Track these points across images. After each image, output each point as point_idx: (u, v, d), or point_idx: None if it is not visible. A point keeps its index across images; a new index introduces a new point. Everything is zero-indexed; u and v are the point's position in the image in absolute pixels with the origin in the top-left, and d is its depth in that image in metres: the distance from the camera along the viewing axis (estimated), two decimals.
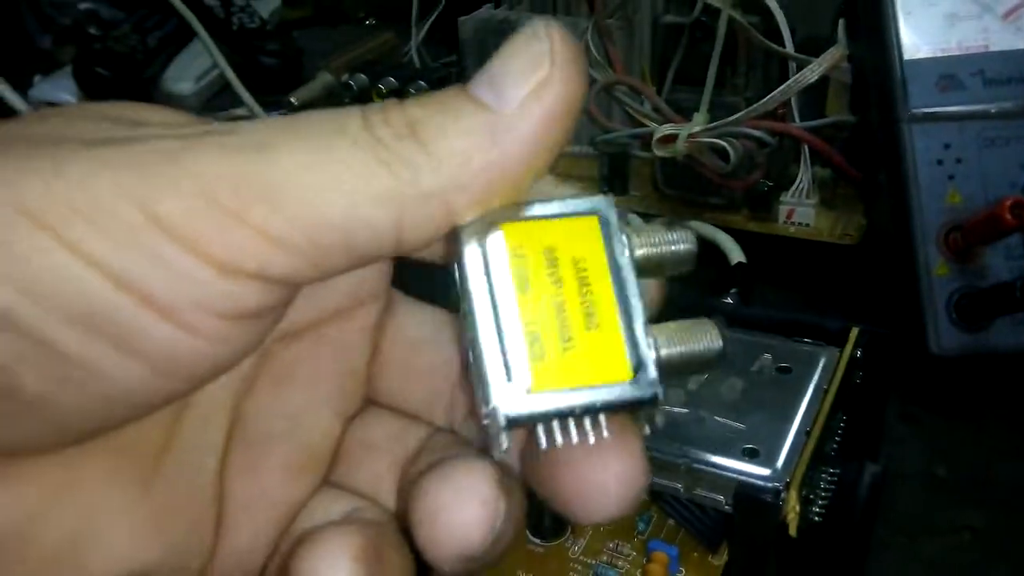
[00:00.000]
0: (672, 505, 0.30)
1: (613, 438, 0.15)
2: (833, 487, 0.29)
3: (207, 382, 0.15)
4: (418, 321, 0.20)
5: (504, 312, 0.15)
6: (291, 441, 0.18)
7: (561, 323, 0.15)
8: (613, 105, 0.49)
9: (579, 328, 0.15)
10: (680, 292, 0.36)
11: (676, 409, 0.30)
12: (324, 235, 0.13)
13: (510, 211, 0.15)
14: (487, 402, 0.15)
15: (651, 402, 0.15)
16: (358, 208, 0.13)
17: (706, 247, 0.45)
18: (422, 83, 0.53)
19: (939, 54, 0.38)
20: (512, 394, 0.15)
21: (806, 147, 0.45)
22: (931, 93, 0.38)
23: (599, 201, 0.16)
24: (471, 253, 0.15)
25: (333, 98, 0.58)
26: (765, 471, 0.26)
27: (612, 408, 0.15)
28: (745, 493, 0.26)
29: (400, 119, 0.14)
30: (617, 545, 0.31)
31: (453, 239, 0.15)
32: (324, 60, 0.59)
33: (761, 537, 0.26)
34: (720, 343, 0.16)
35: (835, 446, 0.29)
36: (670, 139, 0.43)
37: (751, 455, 0.27)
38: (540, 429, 0.15)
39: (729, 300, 0.37)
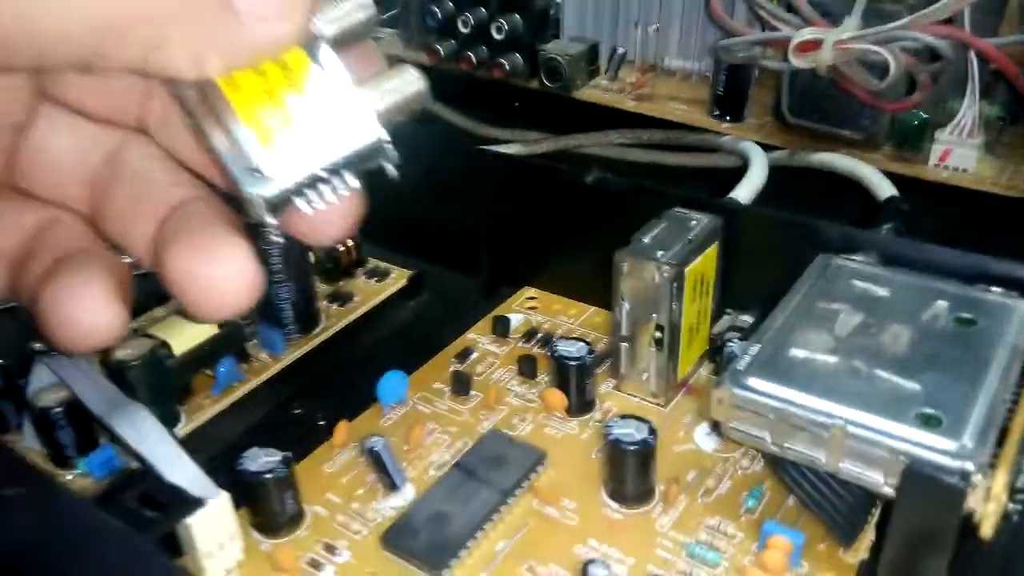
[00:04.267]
0: (796, 478, 0.23)
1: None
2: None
3: None
4: None
5: (224, 114, 0.16)
6: None
7: (275, 105, 0.16)
8: (737, 5, 0.41)
9: (292, 104, 0.16)
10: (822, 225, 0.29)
11: (819, 356, 0.23)
12: None
13: None
14: (244, 196, 0.16)
15: (379, 147, 0.17)
16: None
17: (846, 184, 0.37)
18: (516, 16, 0.46)
19: None
20: (262, 181, 0.16)
21: (975, 74, 0.37)
22: None
23: None
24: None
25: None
26: (951, 444, 0.19)
27: (351, 163, 0.17)
28: (921, 472, 0.19)
29: None
30: (720, 523, 0.24)
31: None
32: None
33: (937, 533, 0.19)
34: (422, 83, 0.17)
35: None
36: (812, 46, 0.35)
37: (929, 423, 0.20)
38: (297, 200, 0.16)
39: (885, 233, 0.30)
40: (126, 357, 0.28)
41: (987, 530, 0.18)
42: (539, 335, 0.34)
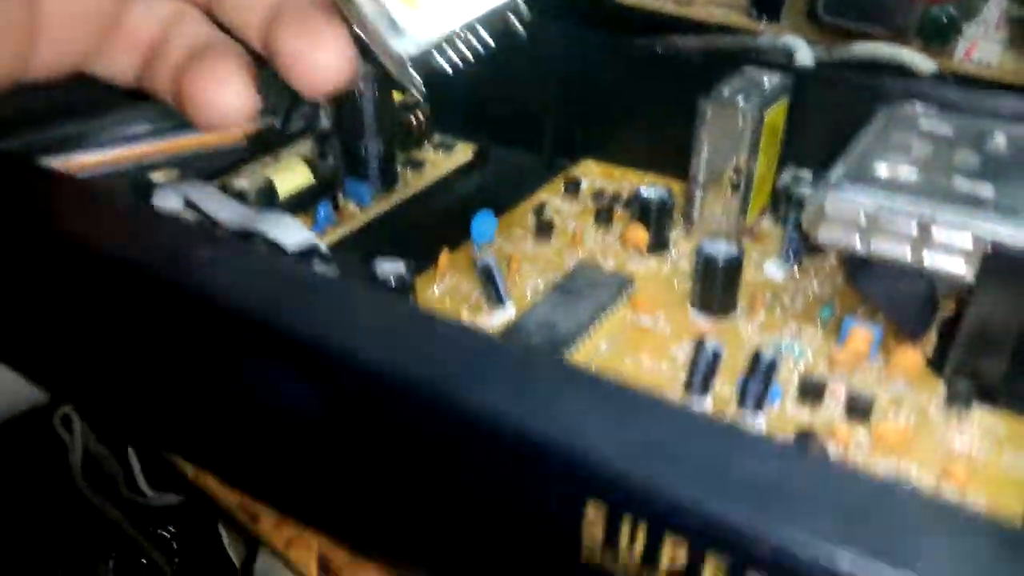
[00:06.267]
0: (872, 285, 0.26)
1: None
2: None
3: None
4: None
5: None
6: None
7: None
8: None
9: None
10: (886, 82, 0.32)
11: (901, 170, 0.25)
12: None
13: None
14: (389, 54, 0.18)
15: (513, 4, 0.19)
16: None
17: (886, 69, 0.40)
18: None
19: None
20: (405, 40, 0.18)
21: None
22: None
23: None
24: None
25: None
26: None
27: (486, 20, 0.18)
28: (1003, 253, 0.22)
29: None
30: (800, 328, 0.27)
31: None
32: None
33: (1012, 314, 0.22)
34: None
35: None
36: None
37: (1006, 212, 0.23)
38: (438, 57, 0.18)
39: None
40: (244, 187, 0.30)
41: None
42: (607, 195, 0.36)
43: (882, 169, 0.26)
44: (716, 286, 0.27)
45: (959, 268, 0.23)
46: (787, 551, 0.13)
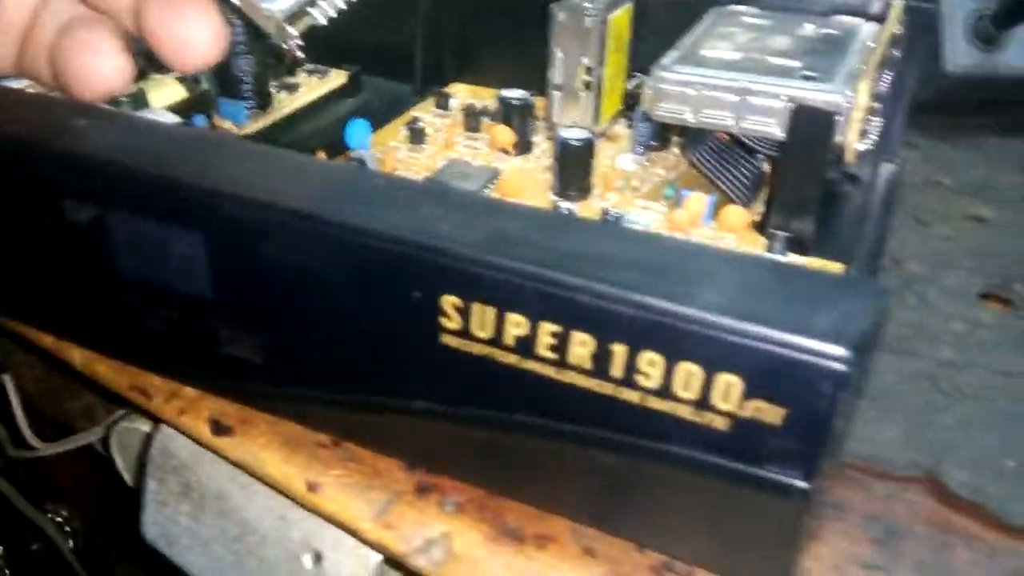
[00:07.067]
0: (706, 159, 0.30)
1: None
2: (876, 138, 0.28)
3: None
4: None
5: None
6: None
7: None
8: None
9: None
10: None
11: (725, 54, 0.29)
12: None
13: None
14: (266, 17, 0.20)
15: None
16: None
17: None
18: None
19: None
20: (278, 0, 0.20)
21: None
22: None
23: None
24: None
25: None
26: (825, 86, 0.26)
27: None
28: (806, 107, 0.26)
29: None
30: (647, 204, 0.31)
31: None
32: None
33: (816, 156, 0.26)
34: None
35: (878, 102, 0.29)
36: None
37: (809, 79, 0.27)
38: (311, 11, 0.21)
39: None
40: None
41: (850, 155, 0.25)
42: (476, 109, 0.38)
43: (708, 52, 0.29)
44: (572, 168, 0.30)
45: (773, 128, 0.27)
46: (603, 303, 0.15)
